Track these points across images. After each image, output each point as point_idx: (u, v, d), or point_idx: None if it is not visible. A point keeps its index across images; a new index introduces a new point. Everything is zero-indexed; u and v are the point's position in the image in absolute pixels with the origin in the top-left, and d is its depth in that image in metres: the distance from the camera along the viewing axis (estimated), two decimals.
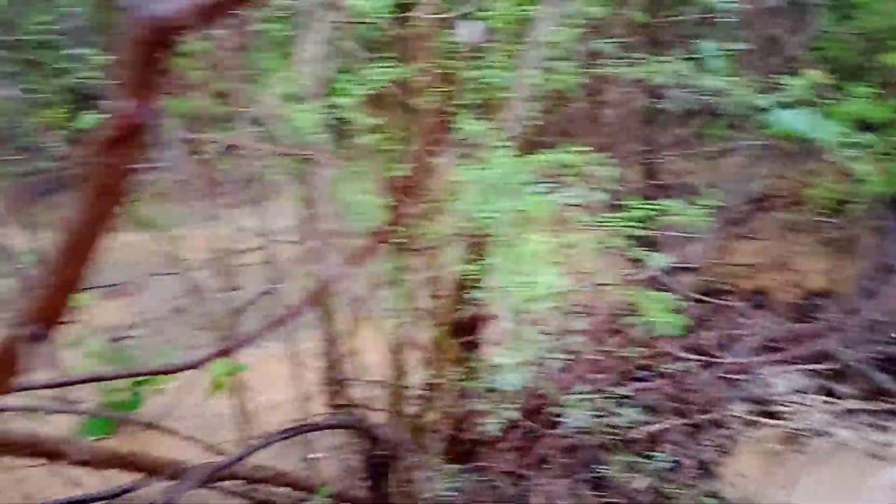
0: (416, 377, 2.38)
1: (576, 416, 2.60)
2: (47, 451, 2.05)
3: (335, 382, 2.55)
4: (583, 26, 1.50)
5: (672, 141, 3.68)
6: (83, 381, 2.06)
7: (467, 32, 0.80)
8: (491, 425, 1.75)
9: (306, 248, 2.07)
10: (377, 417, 2.57)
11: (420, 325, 2.11)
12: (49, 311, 0.82)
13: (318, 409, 3.09)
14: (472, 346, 2.59)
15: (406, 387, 2.32)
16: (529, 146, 1.47)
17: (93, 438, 3.13)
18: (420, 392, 2.35)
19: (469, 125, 1.43)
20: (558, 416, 2.86)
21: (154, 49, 0.68)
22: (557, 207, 1.34)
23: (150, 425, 2.39)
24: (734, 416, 3.10)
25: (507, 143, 1.35)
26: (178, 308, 4.42)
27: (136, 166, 0.74)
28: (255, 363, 2.91)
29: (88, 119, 3.29)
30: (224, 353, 1.16)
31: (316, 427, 2.35)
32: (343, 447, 3.66)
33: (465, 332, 2.41)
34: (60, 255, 0.79)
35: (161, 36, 0.67)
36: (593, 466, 2.86)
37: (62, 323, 0.85)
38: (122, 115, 0.70)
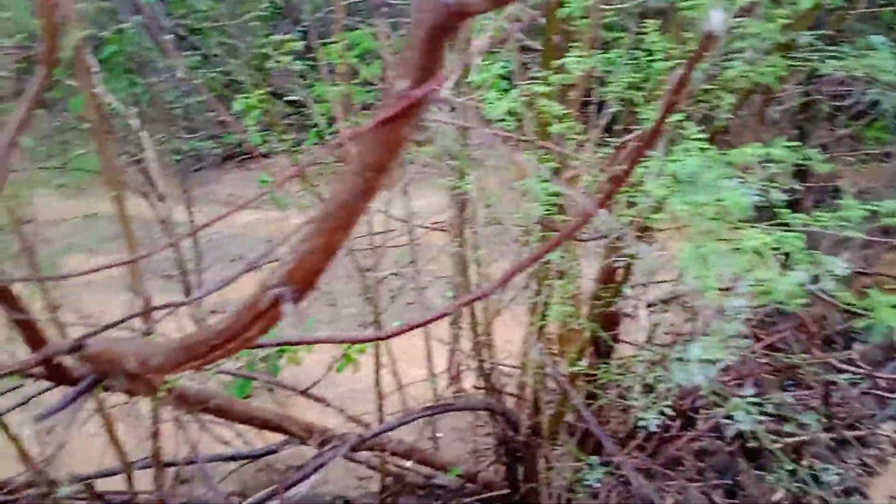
0: (557, 366, 2.38)
1: (718, 419, 2.54)
2: (214, 408, 2.22)
3: (474, 365, 2.60)
4: (777, 18, 1.45)
5: (826, 141, 3.49)
6: (262, 347, 2.20)
7: (716, 22, 0.79)
8: (648, 421, 1.74)
9: (471, 235, 2.11)
10: (514, 403, 2.60)
11: (566, 315, 2.11)
12: (307, 276, 0.89)
13: (452, 388, 3.16)
14: (615, 339, 2.58)
15: (546, 375, 2.33)
16: (717, 139, 1.44)
17: None
18: (559, 381, 2.36)
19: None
20: (695, 417, 2.80)
21: (443, 32, 0.72)
22: (746, 203, 1.30)
23: (303, 392, 2.52)
24: (883, 436, 2.92)
25: (700, 136, 1.33)
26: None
27: (404, 144, 0.79)
28: (391, 341, 3.01)
29: (241, 102, 3.50)
30: (411, 328, 1.21)
31: (456, 407, 2.41)
32: (467, 429, 3.74)
33: (610, 325, 2.40)
34: (325, 222, 0.85)
35: (453, 21, 0.71)
36: (729, 473, 2.78)
37: (313, 289, 0.92)
38: (404, 95, 0.75)
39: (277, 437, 2.91)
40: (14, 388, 2.27)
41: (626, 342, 2.82)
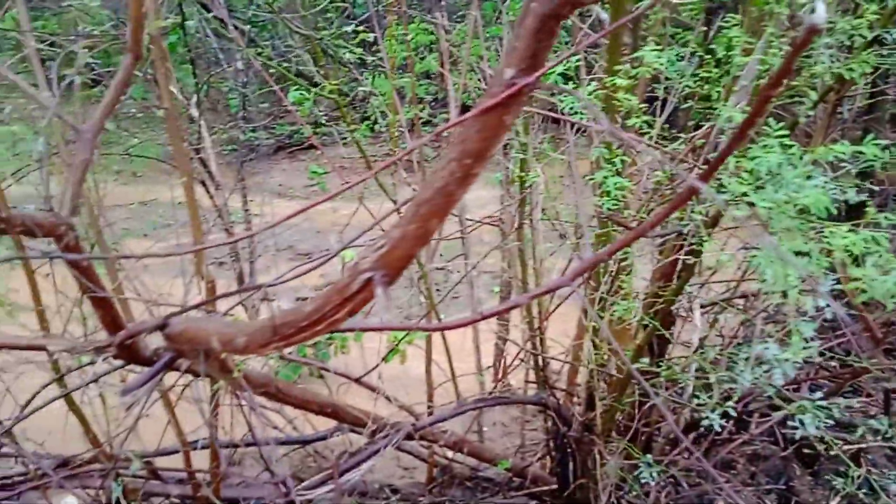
0: (611, 364, 2.37)
1: (773, 423, 2.49)
2: (274, 391, 2.26)
3: (526, 360, 2.60)
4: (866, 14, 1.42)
5: (890, 143, 3.39)
6: (345, 332, 2.23)
7: (819, 15, 0.78)
8: (713, 420, 1.72)
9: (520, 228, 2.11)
10: (565, 398, 2.59)
11: (628, 311, 2.10)
12: (398, 261, 0.90)
13: (499, 383, 3.16)
14: (669, 339, 2.55)
15: (601, 373, 2.32)
16: (798, 136, 1.42)
17: None
18: (614, 380, 2.34)
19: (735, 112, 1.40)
20: (748, 420, 2.75)
21: (554, 22, 0.72)
22: (827, 202, 1.28)
23: (357, 380, 2.55)
24: None
25: (782, 133, 1.31)
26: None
27: (506, 131, 0.80)
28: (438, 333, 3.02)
29: (296, 94, 3.54)
30: (483, 318, 1.21)
31: (509, 400, 2.41)
32: (511, 424, 3.74)
33: (664, 324, 2.37)
34: (420, 209, 0.86)
35: (565, 10, 0.71)
36: (783, 478, 2.73)
37: (402, 274, 0.93)
38: (511, 83, 0.76)
39: (322, 424, 2.96)
40: (80, 367, 2.34)
41: (678, 343, 2.79)
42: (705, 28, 2.34)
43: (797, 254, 1.26)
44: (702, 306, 2.82)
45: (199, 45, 4.43)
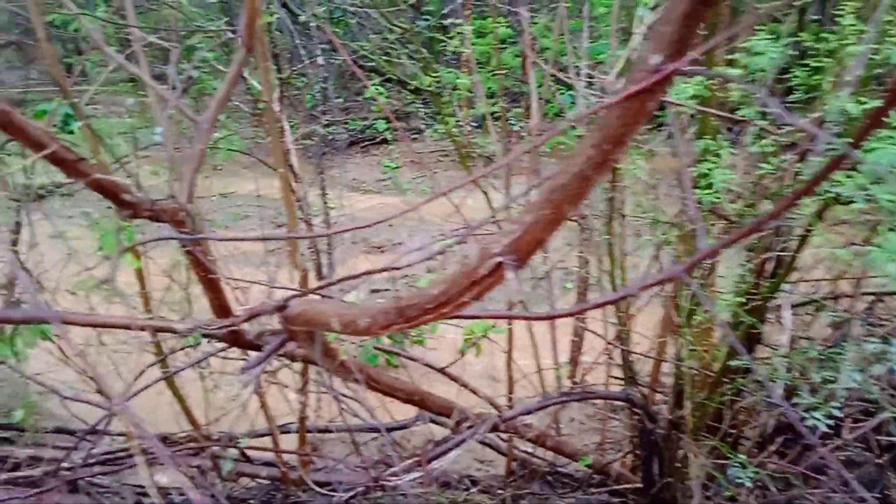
0: (700, 362, 2.33)
1: (865, 428, 2.41)
2: (366, 378, 2.31)
3: (611, 355, 2.58)
4: None
5: None
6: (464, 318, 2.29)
7: None
8: (817, 421, 1.67)
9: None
10: (649, 395, 2.56)
11: (724, 308, 2.06)
12: (529, 245, 0.92)
13: (579, 378, 3.15)
14: (758, 339, 2.49)
15: (690, 370, 2.29)
16: None
17: None
18: (702, 377, 2.30)
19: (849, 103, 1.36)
20: (840, 424, 2.66)
21: (703, 7, 0.72)
22: None
23: (442, 370, 2.59)
24: None
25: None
26: (431, 269, 4.72)
27: (646, 118, 0.80)
28: (515, 327, 3.02)
29: (374, 89, 3.59)
30: (595, 307, 1.22)
31: (595, 395, 2.40)
32: (586, 421, 3.71)
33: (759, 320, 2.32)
34: (554, 194, 0.87)
35: None
36: (877, 487, 2.63)
37: (532, 258, 0.94)
38: (657, 69, 0.76)
39: (399, 413, 3.00)
40: (182, 349, 2.45)
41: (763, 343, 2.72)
42: (799, 18, 2.27)
43: None
44: (792, 306, 2.74)
45: (282, 41, 4.55)
